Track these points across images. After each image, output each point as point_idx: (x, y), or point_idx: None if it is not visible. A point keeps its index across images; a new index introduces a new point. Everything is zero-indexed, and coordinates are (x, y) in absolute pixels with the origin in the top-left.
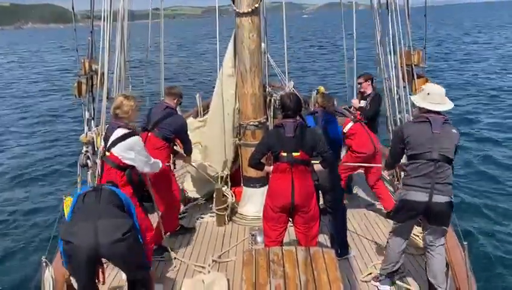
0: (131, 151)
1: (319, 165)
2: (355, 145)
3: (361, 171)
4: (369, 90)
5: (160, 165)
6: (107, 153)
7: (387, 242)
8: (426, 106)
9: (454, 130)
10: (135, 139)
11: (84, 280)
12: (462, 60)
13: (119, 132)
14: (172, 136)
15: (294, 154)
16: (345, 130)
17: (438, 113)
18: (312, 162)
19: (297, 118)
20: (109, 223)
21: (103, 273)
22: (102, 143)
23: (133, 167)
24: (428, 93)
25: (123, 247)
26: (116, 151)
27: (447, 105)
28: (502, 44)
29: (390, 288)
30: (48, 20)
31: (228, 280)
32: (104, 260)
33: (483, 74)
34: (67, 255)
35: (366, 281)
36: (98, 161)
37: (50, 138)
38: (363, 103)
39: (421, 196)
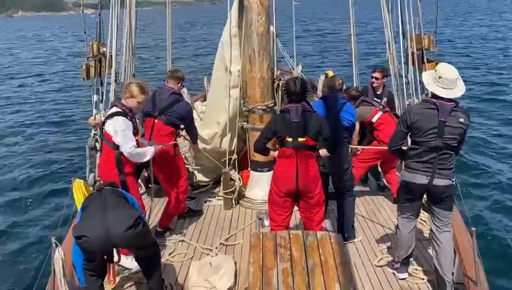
0: (113, 131)
1: (325, 150)
2: (383, 135)
3: None
4: (380, 88)
5: (149, 155)
6: (104, 130)
7: (397, 227)
8: (435, 91)
9: (462, 119)
10: (117, 119)
11: (98, 268)
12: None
13: (112, 110)
14: (179, 123)
15: (300, 139)
16: (373, 120)
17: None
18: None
19: (303, 103)
20: (119, 213)
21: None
22: (94, 131)
23: None
24: (439, 77)
25: (136, 233)
26: (107, 128)
27: (458, 91)
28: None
29: (408, 276)
30: (39, 8)
31: (235, 263)
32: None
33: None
34: (81, 247)
35: (381, 266)
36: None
37: (59, 120)
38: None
39: (421, 179)
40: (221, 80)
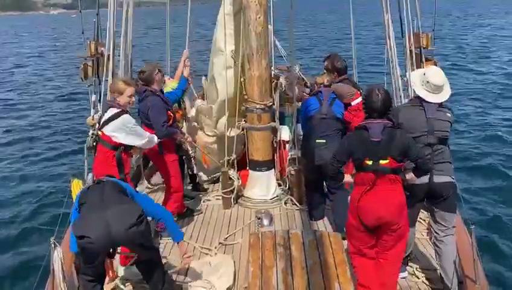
0: (122, 131)
1: (411, 174)
2: (357, 122)
3: None
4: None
5: (156, 140)
6: (100, 133)
7: None
8: (421, 94)
9: (448, 114)
10: (125, 118)
11: (97, 268)
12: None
13: (111, 111)
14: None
15: (382, 162)
16: (353, 103)
17: None
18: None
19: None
20: (120, 210)
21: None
22: (93, 131)
23: (124, 146)
24: (427, 81)
25: (138, 231)
26: (107, 131)
27: (443, 96)
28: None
29: (407, 274)
30: (6, 7)
31: (234, 262)
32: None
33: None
34: (81, 248)
35: None
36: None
37: (56, 120)
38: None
39: (421, 178)
40: (217, 62)
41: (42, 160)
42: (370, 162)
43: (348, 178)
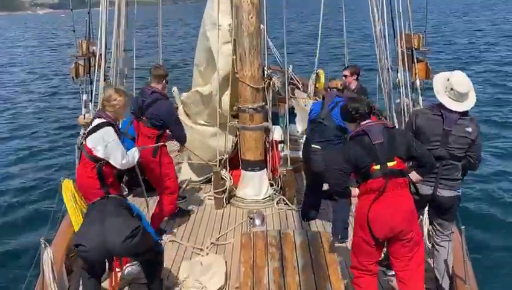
0: (101, 145)
1: (415, 173)
2: None
3: None
4: (353, 86)
5: (136, 157)
6: (83, 142)
7: None
8: (444, 102)
9: (469, 128)
10: (106, 130)
11: (96, 272)
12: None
13: (95, 122)
14: (161, 124)
15: (390, 164)
16: None
17: None
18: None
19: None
20: (117, 222)
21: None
22: (84, 130)
23: (106, 161)
24: (451, 88)
25: (134, 243)
26: (89, 142)
27: (468, 103)
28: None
29: None
30: None
31: (226, 262)
32: None
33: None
34: (80, 256)
35: None
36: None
37: (48, 119)
38: None
39: (425, 189)
40: (210, 38)
41: (33, 159)
42: (377, 167)
43: (355, 191)
